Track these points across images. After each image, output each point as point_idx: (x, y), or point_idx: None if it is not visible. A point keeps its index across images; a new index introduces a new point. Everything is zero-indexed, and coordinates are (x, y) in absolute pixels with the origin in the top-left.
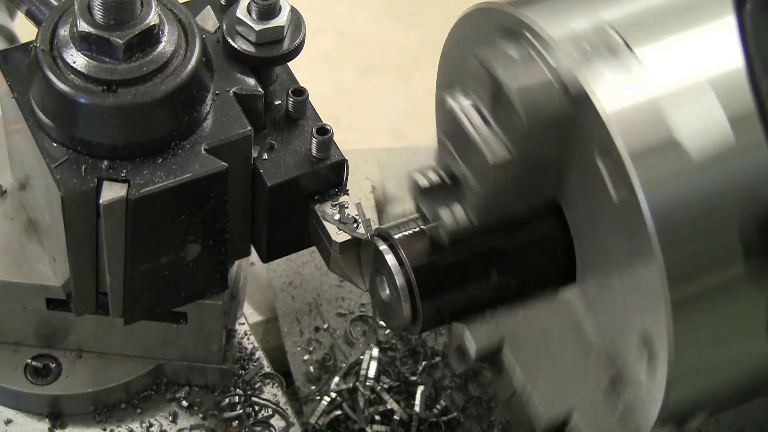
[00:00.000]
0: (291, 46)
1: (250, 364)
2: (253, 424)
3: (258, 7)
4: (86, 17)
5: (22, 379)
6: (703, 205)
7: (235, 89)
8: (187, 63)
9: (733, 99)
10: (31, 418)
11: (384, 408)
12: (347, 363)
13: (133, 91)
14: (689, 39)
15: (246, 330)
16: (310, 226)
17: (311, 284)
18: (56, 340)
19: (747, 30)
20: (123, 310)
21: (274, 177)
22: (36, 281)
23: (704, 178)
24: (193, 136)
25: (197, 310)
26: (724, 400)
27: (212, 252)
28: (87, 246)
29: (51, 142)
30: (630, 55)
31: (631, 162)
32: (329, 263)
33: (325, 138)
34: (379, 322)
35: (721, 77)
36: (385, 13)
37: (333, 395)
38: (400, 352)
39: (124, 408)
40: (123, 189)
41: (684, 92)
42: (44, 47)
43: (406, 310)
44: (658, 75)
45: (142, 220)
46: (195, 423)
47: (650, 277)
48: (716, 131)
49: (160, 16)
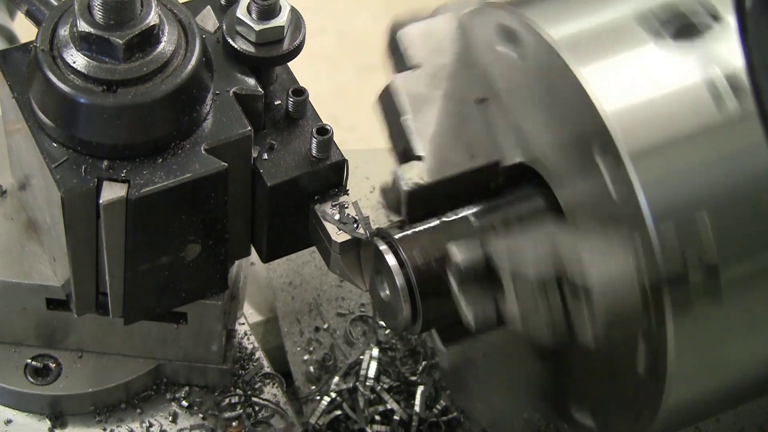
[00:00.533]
0: (291, 46)
1: (250, 364)
2: (253, 424)
3: (258, 7)
4: (86, 17)
5: (22, 379)
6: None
7: (235, 89)
8: (187, 63)
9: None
10: (31, 418)
11: (384, 408)
12: (347, 363)
13: (133, 91)
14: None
15: (246, 330)
16: (310, 226)
17: (311, 284)
18: (56, 340)
19: (747, 30)
20: (123, 310)
21: (274, 177)
22: (36, 281)
23: (705, 178)
24: (193, 136)
25: (197, 311)
26: (722, 402)
27: (212, 252)
28: (87, 246)
29: (51, 142)
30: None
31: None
32: (329, 263)
33: (325, 138)
34: (379, 322)
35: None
36: (385, 13)
37: (333, 395)
38: (400, 352)
39: (124, 408)
40: (123, 189)
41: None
42: (44, 47)
43: (406, 310)
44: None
45: (142, 220)
46: (195, 423)
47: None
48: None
49: (160, 16)
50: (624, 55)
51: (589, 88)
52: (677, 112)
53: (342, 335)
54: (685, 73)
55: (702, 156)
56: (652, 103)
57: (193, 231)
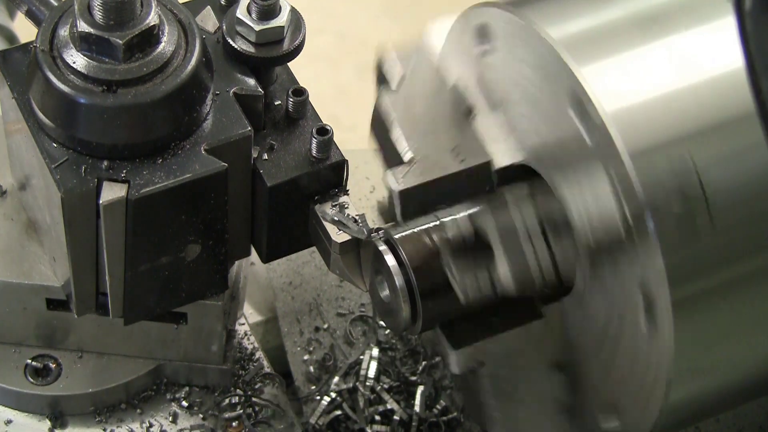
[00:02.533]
0: (291, 46)
1: (250, 365)
2: (253, 424)
3: (258, 8)
4: (86, 17)
5: (23, 380)
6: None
7: (235, 89)
8: (187, 63)
9: (733, 99)
10: (31, 418)
11: (384, 408)
12: (347, 363)
13: (133, 92)
14: (690, 38)
15: (246, 330)
16: (310, 226)
17: (311, 284)
18: (56, 340)
19: (747, 30)
20: (123, 311)
21: (275, 177)
22: (36, 281)
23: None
24: (193, 137)
25: (197, 311)
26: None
27: (212, 252)
28: (87, 246)
29: (51, 142)
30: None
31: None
32: (329, 263)
33: (325, 138)
34: (379, 322)
35: (721, 77)
36: (385, 13)
37: (333, 395)
38: (400, 352)
39: (124, 408)
40: (123, 189)
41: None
42: (44, 47)
43: (405, 310)
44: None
45: (142, 220)
46: (195, 423)
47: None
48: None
49: (160, 16)
50: (597, 24)
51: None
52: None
53: (342, 335)
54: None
55: (678, 92)
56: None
57: (193, 231)
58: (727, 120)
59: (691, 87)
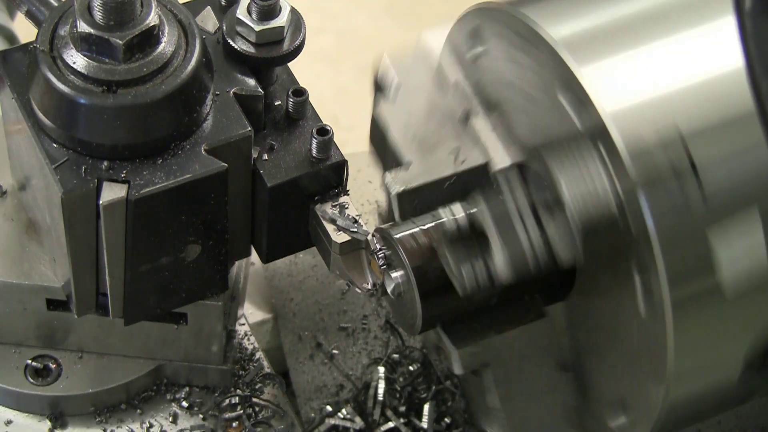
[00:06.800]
0: (291, 46)
1: (250, 365)
2: (253, 424)
3: (258, 8)
4: (86, 18)
5: (23, 380)
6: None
7: (235, 90)
8: (187, 64)
9: (732, 99)
10: (31, 418)
11: (390, 428)
12: (354, 383)
13: (133, 92)
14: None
15: (246, 330)
16: (310, 226)
17: (312, 298)
18: (56, 340)
19: (747, 30)
20: (123, 311)
21: (275, 177)
22: (36, 282)
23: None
24: (193, 137)
25: (197, 311)
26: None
27: (212, 253)
28: (87, 247)
29: (51, 142)
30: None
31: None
32: (329, 264)
33: (325, 138)
34: (389, 336)
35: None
36: (385, 13)
37: (335, 422)
38: (408, 373)
39: (124, 408)
40: (123, 189)
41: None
42: (44, 48)
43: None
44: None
45: (142, 220)
46: (195, 424)
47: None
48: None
49: (160, 16)
50: (594, 15)
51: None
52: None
53: (344, 349)
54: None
55: (668, 73)
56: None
57: (193, 231)
58: (726, 120)
59: (690, 87)
